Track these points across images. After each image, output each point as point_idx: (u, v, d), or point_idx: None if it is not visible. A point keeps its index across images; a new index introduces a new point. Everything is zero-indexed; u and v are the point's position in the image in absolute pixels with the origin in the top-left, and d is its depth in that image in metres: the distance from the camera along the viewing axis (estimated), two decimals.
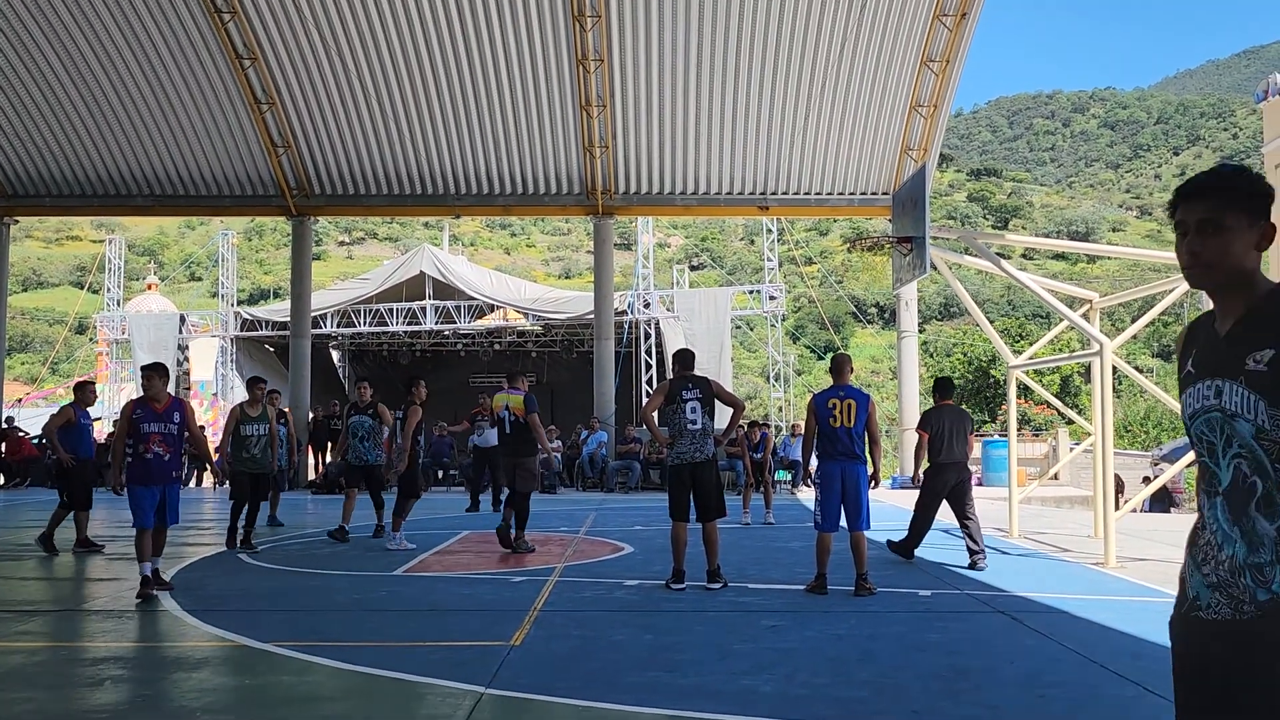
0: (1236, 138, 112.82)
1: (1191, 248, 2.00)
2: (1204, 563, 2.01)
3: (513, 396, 9.80)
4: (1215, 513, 2.01)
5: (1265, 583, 1.89)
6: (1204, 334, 2.07)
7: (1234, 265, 1.98)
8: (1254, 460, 1.91)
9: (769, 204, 22.75)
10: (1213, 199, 2.00)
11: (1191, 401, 2.07)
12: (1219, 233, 1.98)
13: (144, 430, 7.14)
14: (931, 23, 19.47)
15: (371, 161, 21.95)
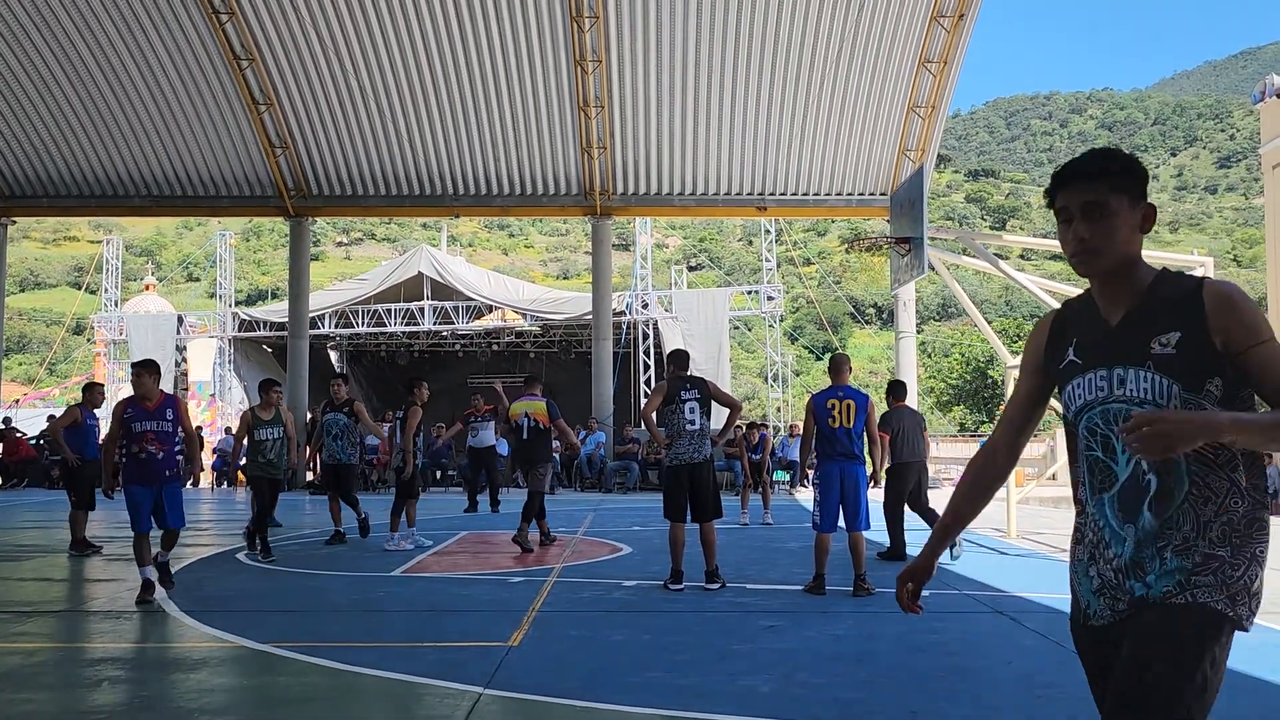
0: (1234, 139, 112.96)
1: (1079, 233, 1.94)
2: (1090, 564, 2.00)
3: (534, 403, 10.38)
4: (1104, 510, 1.97)
5: (1142, 577, 1.89)
6: (1084, 322, 2.00)
7: (1121, 250, 1.94)
8: None
9: (767, 205, 22.76)
10: (1096, 182, 1.95)
11: (1081, 393, 1.99)
12: (1105, 217, 1.93)
13: (136, 429, 6.96)
14: (929, 24, 19.49)
15: (369, 162, 21.94)
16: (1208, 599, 1.86)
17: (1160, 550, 1.89)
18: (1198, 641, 1.86)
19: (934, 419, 42.31)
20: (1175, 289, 1.92)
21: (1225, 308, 1.86)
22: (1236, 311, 1.85)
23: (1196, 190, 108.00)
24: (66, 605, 7.55)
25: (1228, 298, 1.87)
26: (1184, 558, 1.88)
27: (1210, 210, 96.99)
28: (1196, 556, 1.88)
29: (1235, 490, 1.88)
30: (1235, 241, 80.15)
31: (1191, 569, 1.88)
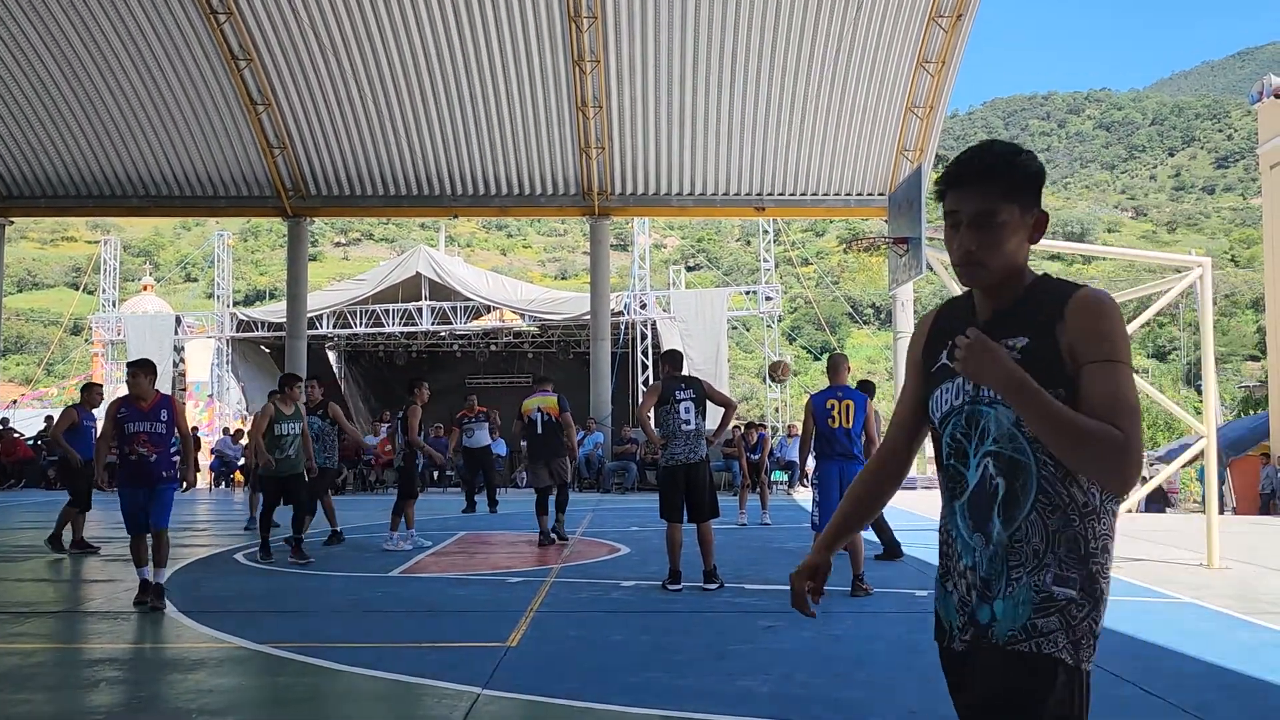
0: (1231, 139, 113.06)
1: (965, 244, 1.85)
2: (946, 578, 1.92)
3: (546, 399, 10.61)
4: (956, 520, 1.90)
5: (989, 599, 1.82)
6: (960, 326, 1.88)
7: (1008, 263, 1.85)
8: (1006, 457, 1.81)
9: (765, 205, 22.77)
10: (987, 188, 1.84)
11: (947, 398, 1.91)
12: (994, 228, 1.83)
13: (129, 430, 6.79)
14: (927, 24, 19.50)
15: (367, 162, 21.93)
16: (1052, 649, 1.77)
17: (1010, 569, 1.80)
18: (1048, 700, 1.79)
19: None
20: (1047, 295, 1.84)
21: (1082, 317, 1.78)
22: (1092, 322, 1.78)
23: (1194, 190, 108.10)
24: (64, 606, 7.53)
25: (1088, 308, 1.79)
26: (1034, 578, 1.78)
27: (1208, 210, 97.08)
28: (1046, 578, 1.78)
29: (1089, 507, 1.79)
30: (1233, 241, 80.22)
31: (1037, 605, 1.78)
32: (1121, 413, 1.72)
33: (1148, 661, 5.29)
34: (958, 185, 1.86)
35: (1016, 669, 1.80)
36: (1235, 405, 39.01)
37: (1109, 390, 1.74)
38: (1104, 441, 1.70)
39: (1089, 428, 1.71)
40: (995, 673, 1.83)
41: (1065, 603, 1.77)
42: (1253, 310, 61.77)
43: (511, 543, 10.94)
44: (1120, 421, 1.71)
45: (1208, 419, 9.90)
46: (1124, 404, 1.73)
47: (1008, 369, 1.74)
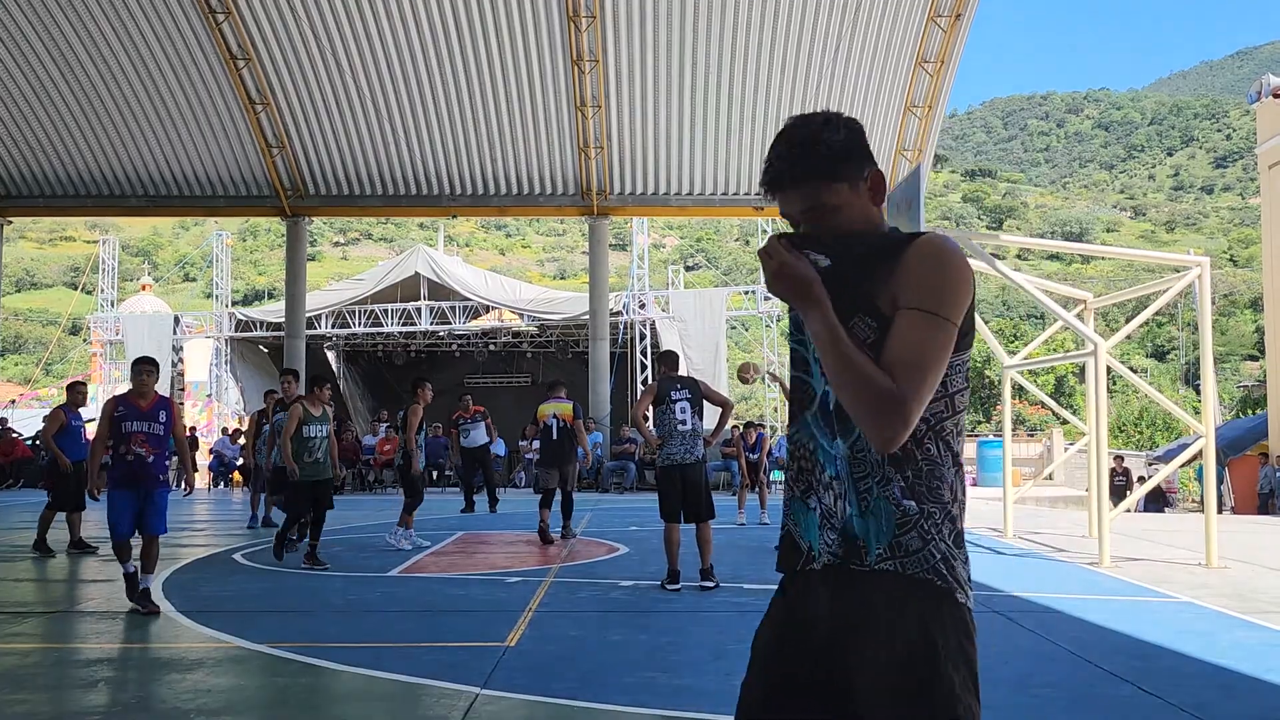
0: (1230, 138, 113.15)
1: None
2: (808, 494, 1.79)
3: (561, 405, 10.89)
4: (811, 430, 1.80)
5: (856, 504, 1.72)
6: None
7: (860, 229, 1.79)
8: None
9: (764, 204, 22.76)
10: (804, 187, 1.77)
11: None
12: (828, 214, 1.77)
13: (126, 429, 6.59)
14: (926, 24, 19.50)
15: (366, 162, 21.92)
16: (920, 570, 1.68)
17: (857, 480, 1.71)
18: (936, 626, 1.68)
19: None
20: (894, 241, 1.74)
21: (915, 260, 1.67)
22: (922, 268, 1.66)
23: (1193, 190, 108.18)
24: (62, 606, 7.53)
25: (924, 253, 1.68)
26: (883, 489, 1.69)
27: (1207, 210, 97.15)
28: (894, 490, 1.68)
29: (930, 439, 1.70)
30: (1231, 241, 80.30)
31: (897, 520, 1.69)
32: (907, 367, 1.61)
33: (1145, 660, 5.29)
34: (779, 190, 1.80)
35: (893, 591, 1.69)
36: (1234, 405, 39.05)
37: (908, 341, 1.63)
38: (871, 390, 1.60)
39: (863, 371, 1.62)
40: (875, 594, 1.70)
41: (918, 517, 1.69)
42: (1251, 310, 61.80)
43: (510, 543, 10.94)
44: (900, 375, 1.61)
45: (1206, 418, 9.91)
46: (914, 359, 1.62)
47: (799, 283, 1.68)
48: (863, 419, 1.63)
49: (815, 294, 1.67)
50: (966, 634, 1.71)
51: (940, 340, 1.64)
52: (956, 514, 1.73)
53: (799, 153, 1.76)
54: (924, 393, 1.62)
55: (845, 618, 1.73)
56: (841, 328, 1.66)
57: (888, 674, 1.68)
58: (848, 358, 1.63)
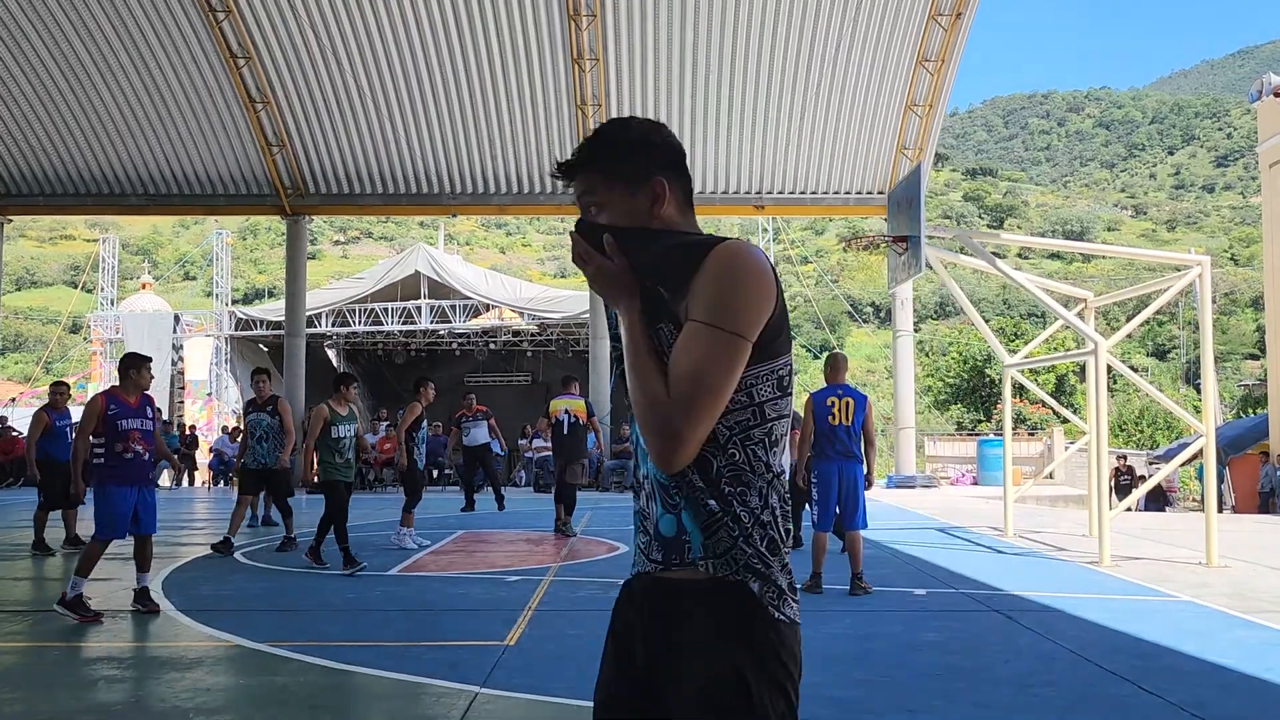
0: (1231, 137, 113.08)
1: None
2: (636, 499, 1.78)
3: (574, 401, 11.09)
4: (634, 427, 1.75)
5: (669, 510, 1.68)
6: None
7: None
8: None
9: (764, 203, 22.76)
10: (583, 178, 1.78)
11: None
12: (602, 212, 1.76)
13: (123, 427, 6.45)
14: (927, 22, 19.49)
15: (366, 161, 21.91)
16: (727, 571, 1.62)
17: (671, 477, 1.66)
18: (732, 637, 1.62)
19: (931, 417, 42.31)
20: (697, 248, 1.68)
21: (709, 269, 1.61)
22: (712, 279, 1.60)
23: (1194, 189, 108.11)
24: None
25: (716, 262, 1.62)
26: (688, 483, 1.64)
27: (1208, 209, 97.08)
28: (696, 483, 1.63)
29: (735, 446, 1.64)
30: (1232, 240, 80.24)
31: (704, 523, 1.63)
32: (682, 382, 1.57)
33: (1145, 659, 5.29)
34: (569, 176, 1.81)
35: (703, 603, 1.63)
36: (1235, 404, 39.05)
37: (689, 355, 1.58)
38: (647, 402, 1.58)
39: (646, 382, 1.59)
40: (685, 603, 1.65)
41: (723, 517, 1.63)
42: (1252, 309, 61.77)
43: (510, 542, 10.94)
44: (675, 390, 1.57)
45: (1206, 417, 9.90)
46: (692, 374, 1.57)
47: (618, 285, 1.67)
48: (642, 432, 1.60)
49: (632, 297, 1.67)
50: (785, 653, 1.63)
51: (723, 355, 1.58)
52: (768, 521, 1.66)
53: (586, 144, 1.78)
54: (698, 411, 1.57)
55: (658, 635, 1.67)
56: (644, 334, 1.65)
57: (695, 706, 1.61)
58: (637, 367, 1.62)
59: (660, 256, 1.70)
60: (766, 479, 1.67)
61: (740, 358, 1.60)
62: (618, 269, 1.68)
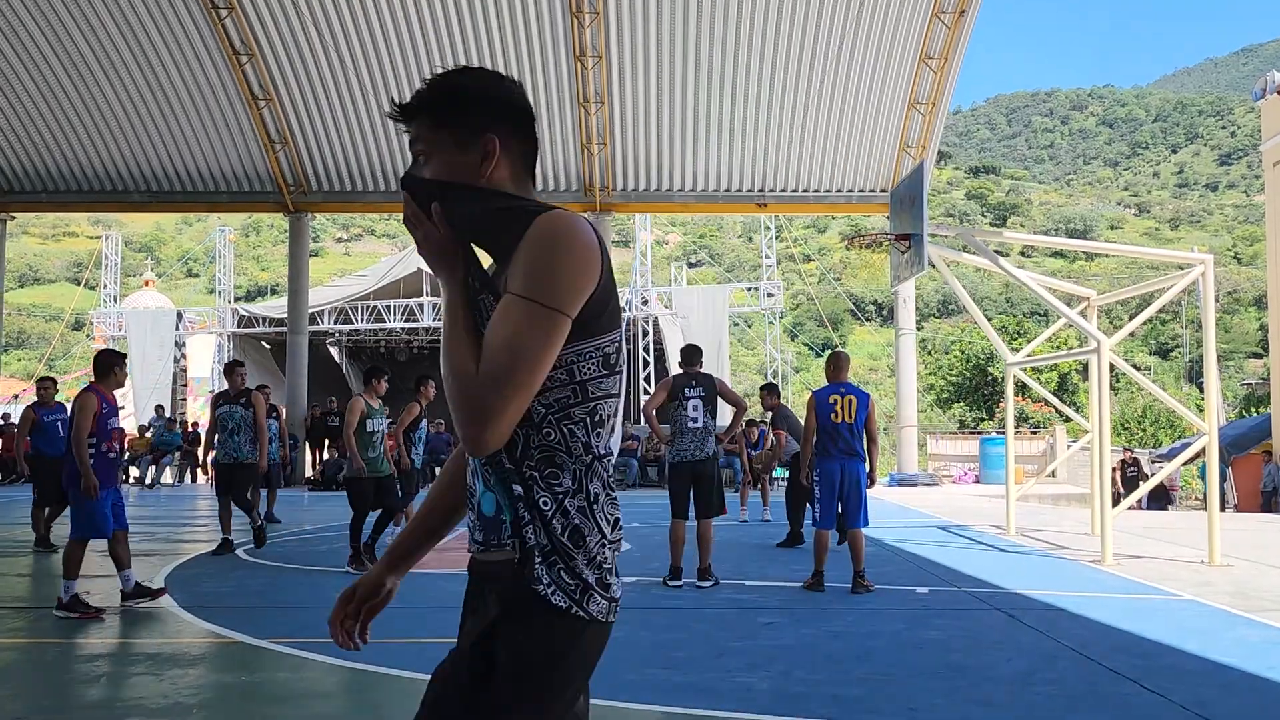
0: (1235, 135, 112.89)
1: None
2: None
3: None
4: None
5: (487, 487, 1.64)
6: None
7: None
8: None
9: (767, 201, 22.74)
10: (416, 123, 1.66)
11: None
12: (429, 161, 1.65)
13: (110, 426, 6.46)
14: (930, 20, 19.46)
15: (369, 157, 21.92)
16: (521, 556, 1.55)
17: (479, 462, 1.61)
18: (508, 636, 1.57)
19: (934, 416, 42.29)
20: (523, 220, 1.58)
21: (528, 241, 1.53)
22: (529, 249, 1.52)
23: (1197, 187, 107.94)
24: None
25: (535, 233, 1.53)
26: (496, 465, 1.58)
27: (1211, 207, 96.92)
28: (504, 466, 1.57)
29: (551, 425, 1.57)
30: (1236, 239, 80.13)
31: (509, 504, 1.57)
32: (493, 358, 1.49)
33: (1147, 658, 5.28)
34: (404, 119, 1.68)
35: (488, 586, 1.61)
36: (1237, 403, 39.00)
37: (502, 330, 1.50)
38: (455, 378, 1.51)
39: (455, 358, 1.53)
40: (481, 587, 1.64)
41: (522, 503, 1.56)
42: (1255, 307, 61.71)
43: None
44: (485, 366, 1.49)
45: (1209, 416, 9.89)
46: (503, 350, 1.48)
47: (442, 253, 1.60)
48: (451, 410, 1.52)
49: (453, 269, 1.60)
50: (559, 648, 1.55)
51: (539, 331, 1.50)
52: (581, 506, 1.57)
53: (423, 89, 1.67)
54: (509, 390, 1.48)
55: (465, 620, 1.66)
56: (463, 307, 1.58)
57: (438, 675, 1.62)
58: (449, 341, 1.55)
59: (482, 220, 1.61)
60: (585, 461, 1.58)
61: (557, 334, 1.52)
62: (443, 238, 1.60)
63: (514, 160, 1.67)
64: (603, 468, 1.61)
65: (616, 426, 1.68)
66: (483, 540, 1.62)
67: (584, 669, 1.60)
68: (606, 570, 1.59)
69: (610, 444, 1.64)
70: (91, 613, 6.34)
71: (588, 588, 1.56)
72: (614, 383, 1.64)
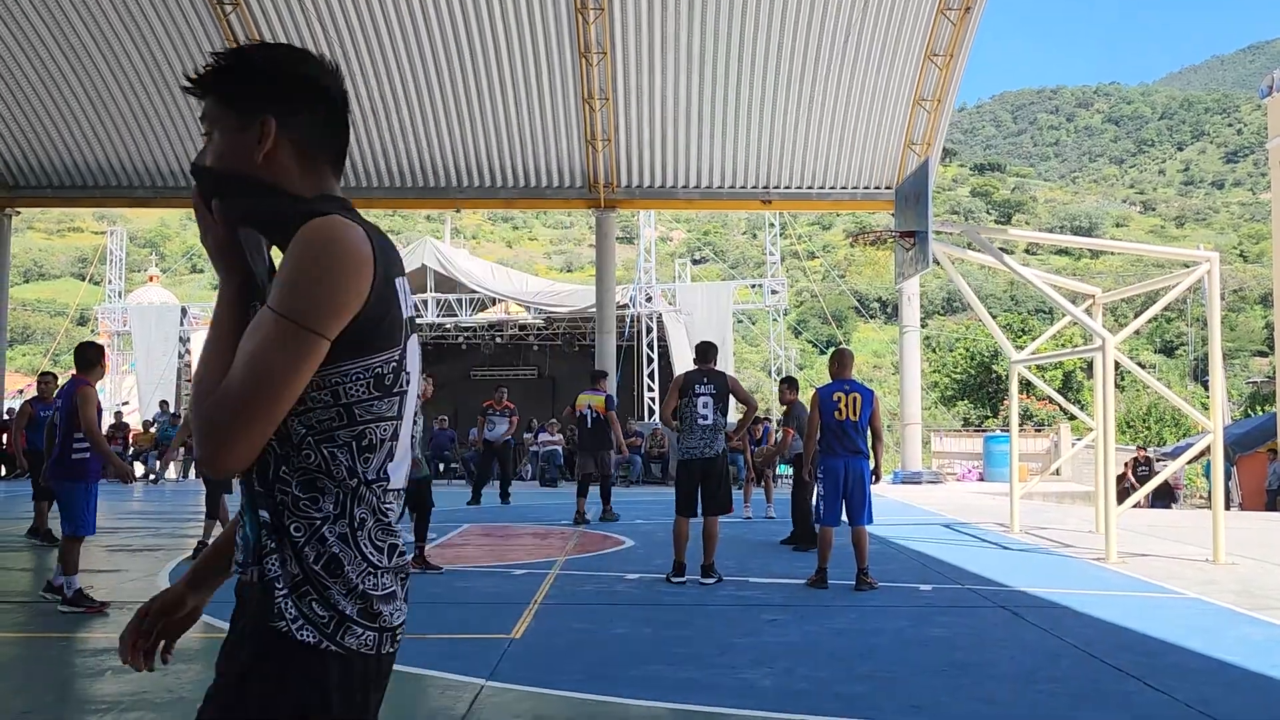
0: (1241, 133, 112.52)
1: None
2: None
3: (595, 397, 11.94)
4: None
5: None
6: None
7: (235, 176, 1.53)
8: None
9: (771, 198, 22.70)
10: (202, 94, 1.53)
11: None
12: (212, 140, 1.54)
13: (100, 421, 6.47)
14: (935, 16, 19.41)
15: (373, 153, 21.92)
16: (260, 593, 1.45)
17: (249, 475, 1.48)
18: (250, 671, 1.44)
19: (938, 413, 42.25)
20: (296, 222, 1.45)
21: (292, 247, 1.41)
22: (286, 258, 1.42)
23: (1203, 185, 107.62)
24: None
25: (295, 241, 1.41)
26: (252, 485, 1.47)
27: (1217, 205, 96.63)
28: (256, 485, 1.46)
29: (311, 447, 1.45)
30: (1242, 237, 79.85)
31: (260, 522, 1.46)
32: (239, 377, 1.37)
33: (1151, 656, 5.28)
34: (196, 94, 1.56)
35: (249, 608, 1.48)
36: (1242, 401, 38.92)
37: (248, 346, 1.38)
38: (203, 391, 1.40)
39: (208, 366, 1.43)
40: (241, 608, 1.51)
41: (273, 530, 1.44)
42: (1261, 306, 61.53)
43: (516, 535, 10.96)
44: (231, 384, 1.37)
45: (1214, 414, 9.86)
46: (248, 368, 1.37)
47: (221, 252, 1.50)
48: (192, 423, 1.42)
49: (229, 270, 1.50)
50: (302, 701, 1.42)
51: (286, 351, 1.37)
52: (342, 534, 1.44)
53: (214, 60, 1.55)
54: (250, 410, 1.36)
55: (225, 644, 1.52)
56: (229, 313, 1.48)
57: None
58: (206, 349, 1.45)
59: (258, 217, 1.50)
60: (350, 486, 1.46)
61: (309, 354, 1.39)
62: (220, 234, 1.50)
63: (302, 147, 1.53)
64: (373, 494, 1.48)
65: (399, 452, 1.53)
66: (241, 562, 1.51)
67: (352, 706, 1.47)
68: (376, 599, 1.47)
69: (389, 470, 1.51)
70: (95, 607, 6.35)
71: (344, 619, 1.44)
72: (389, 405, 1.49)
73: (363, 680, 1.49)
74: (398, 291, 1.49)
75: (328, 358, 1.42)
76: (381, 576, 1.49)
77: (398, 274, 1.51)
